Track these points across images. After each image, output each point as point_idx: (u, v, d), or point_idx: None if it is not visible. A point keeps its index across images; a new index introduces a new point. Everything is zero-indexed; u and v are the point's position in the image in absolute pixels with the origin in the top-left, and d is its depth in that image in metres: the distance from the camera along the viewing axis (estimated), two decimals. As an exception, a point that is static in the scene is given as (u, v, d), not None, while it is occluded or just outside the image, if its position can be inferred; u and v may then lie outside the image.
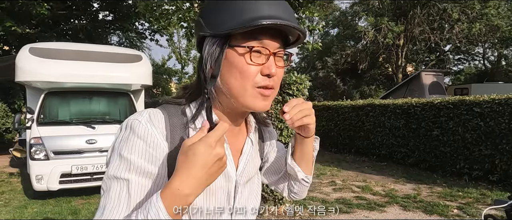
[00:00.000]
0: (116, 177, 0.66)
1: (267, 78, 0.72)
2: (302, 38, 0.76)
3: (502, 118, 5.52)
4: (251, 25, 0.67)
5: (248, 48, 0.70)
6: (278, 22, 0.67)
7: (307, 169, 0.96)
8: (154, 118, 0.71)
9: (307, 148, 0.92)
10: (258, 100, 0.73)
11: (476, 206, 4.62)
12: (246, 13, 0.68)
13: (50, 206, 4.82)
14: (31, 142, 4.92)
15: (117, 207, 0.65)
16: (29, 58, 5.18)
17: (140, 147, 0.67)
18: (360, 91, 22.93)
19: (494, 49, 23.61)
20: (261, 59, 0.72)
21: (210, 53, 0.72)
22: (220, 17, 0.71)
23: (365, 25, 18.76)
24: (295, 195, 1.03)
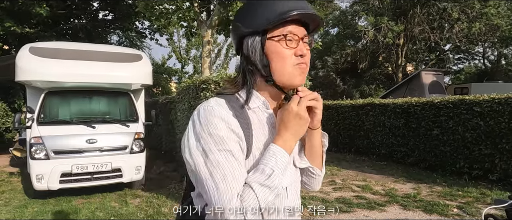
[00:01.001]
0: (219, 150, 0.82)
1: (301, 58, 0.91)
2: (321, 24, 0.96)
3: (502, 118, 5.52)
4: (284, 17, 0.86)
5: (283, 35, 0.90)
6: (304, 11, 0.88)
7: (314, 162, 1.06)
8: (220, 102, 0.90)
9: (315, 140, 1.03)
10: (297, 75, 0.92)
11: (476, 205, 4.63)
12: (277, 9, 0.87)
13: (51, 205, 4.82)
14: (31, 141, 4.92)
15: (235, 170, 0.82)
16: (29, 57, 5.17)
17: (221, 124, 0.84)
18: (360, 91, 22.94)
19: (494, 49, 23.61)
20: (293, 44, 0.91)
21: (253, 47, 0.92)
22: (256, 17, 0.90)
23: (365, 24, 18.76)
24: (305, 186, 1.12)
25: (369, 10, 18.46)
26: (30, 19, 10.91)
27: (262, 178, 0.81)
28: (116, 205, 4.89)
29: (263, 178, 0.81)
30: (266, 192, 0.80)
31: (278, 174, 0.83)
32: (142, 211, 4.58)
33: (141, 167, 5.48)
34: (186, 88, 5.69)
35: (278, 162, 0.84)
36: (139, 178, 5.50)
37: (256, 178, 0.81)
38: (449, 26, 17.48)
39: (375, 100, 8.83)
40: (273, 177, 0.82)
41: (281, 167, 0.84)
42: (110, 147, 5.25)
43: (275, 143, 0.88)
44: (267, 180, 0.81)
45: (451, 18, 16.59)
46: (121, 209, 4.66)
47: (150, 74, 6.16)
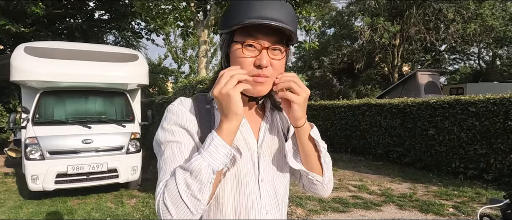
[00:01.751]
0: (166, 141, 0.87)
1: (258, 69, 0.86)
2: (292, 37, 0.88)
3: (497, 118, 5.56)
4: (241, 24, 0.83)
5: (241, 43, 0.86)
6: (260, 21, 0.82)
7: (309, 165, 0.98)
8: (184, 101, 0.93)
9: (302, 139, 0.96)
10: (254, 85, 0.87)
11: (472, 205, 4.66)
12: (242, 14, 0.84)
13: (46, 206, 4.79)
14: (26, 142, 4.88)
15: (175, 161, 0.84)
16: (24, 57, 5.14)
17: (176, 119, 0.88)
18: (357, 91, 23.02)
19: (489, 49, 23.77)
20: (255, 52, 0.86)
21: (221, 46, 0.94)
22: (228, 18, 0.88)
23: (361, 25, 18.82)
24: (311, 190, 1.05)
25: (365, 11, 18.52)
26: (25, 19, 10.83)
27: (186, 163, 0.80)
28: (112, 205, 4.86)
29: (187, 162, 0.80)
30: (186, 176, 0.77)
31: (201, 157, 0.78)
32: (138, 211, 4.56)
33: (137, 168, 5.46)
34: (183, 88, 5.68)
35: (205, 146, 0.80)
36: (135, 178, 5.48)
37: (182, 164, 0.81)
38: (445, 26, 17.59)
39: (371, 100, 8.87)
40: (195, 159, 0.78)
41: (209, 150, 0.79)
42: (106, 147, 5.22)
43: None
44: (188, 163, 0.78)
45: (447, 18, 16.70)
46: (117, 210, 4.64)
47: (147, 74, 6.13)
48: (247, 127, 0.95)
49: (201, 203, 0.78)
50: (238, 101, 0.79)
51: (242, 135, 0.94)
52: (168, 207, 0.77)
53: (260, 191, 0.93)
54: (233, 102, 0.79)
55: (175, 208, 0.77)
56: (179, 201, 0.76)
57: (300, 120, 0.93)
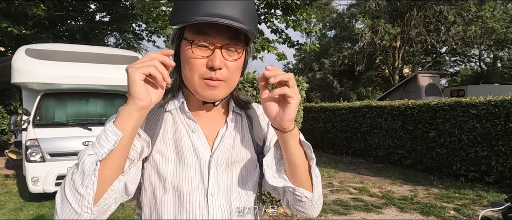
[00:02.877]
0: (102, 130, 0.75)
1: (212, 71, 0.76)
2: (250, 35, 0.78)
3: (498, 120, 5.55)
4: (186, 21, 0.74)
5: (190, 42, 0.76)
6: (211, 20, 0.72)
7: (295, 179, 0.81)
8: None
9: (289, 148, 0.78)
10: (205, 89, 0.78)
11: (473, 207, 4.65)
12: (193, 10, 0.73)
13: (46, 208, 4.79)
14: (27, 144, 4.89)
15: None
16: (25, 59, 5.14)
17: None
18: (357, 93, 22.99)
19: (490, 51, 23.76)
20: (207, 52, 0.76)
21: (171, 44, 0.83)
22: (177, 13, 0.77)
23: (362, 27, 18.84)
24: (298, 211, 0.86)
25: (366, 13, 18.53)
26: (26, 21, 10.86)
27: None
28: (112, 207, 4.86)
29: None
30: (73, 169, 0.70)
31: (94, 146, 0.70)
32: (139, 213, 4.56)
33: (137, 170, 5.46)
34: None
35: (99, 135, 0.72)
36: (135, 180, 5.47)
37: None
38: (445, 28, 17.59)
39: (372, 102, 8.86)
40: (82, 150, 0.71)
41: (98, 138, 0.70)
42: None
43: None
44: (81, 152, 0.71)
45: (447, 21, 16.70)
46: (117, 212, 4.64)
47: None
48: (200, 133, 0.84)
49: (84, 200, 0.66)
50: (136, 82, 0.68)
51: (192, 143, 0.83)
52: (56, 206, 0.69)
53: (209, 207, 0.80)
54: (130, 82, 0.69)
55: (61, 205, 0.68)
56: (64, 197, 0.68)
57: (292, 122, 0.77)
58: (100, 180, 0.68)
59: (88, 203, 0.67)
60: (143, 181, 0.84)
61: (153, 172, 0.82)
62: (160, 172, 0.82)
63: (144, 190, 0.84)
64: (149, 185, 0.83)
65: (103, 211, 0.72)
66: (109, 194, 0.71)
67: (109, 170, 0.70)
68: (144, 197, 0.84)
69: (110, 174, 0.71)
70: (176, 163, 0.82)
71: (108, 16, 14.22)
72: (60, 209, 0.68)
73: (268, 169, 0.81)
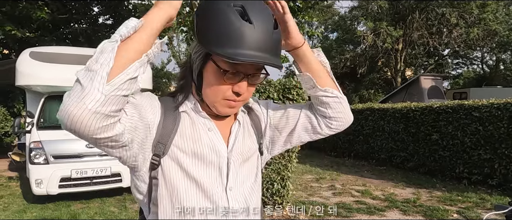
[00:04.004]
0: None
1: (235, 95, 0.83)
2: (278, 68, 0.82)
3: (501, 123, 5.54)
4: (230, 59, 0.74)
5: (224, 71, 0.80)
6: (255, 61, 0.76)
7: (320, 81, 0.97)
8: (152, 95, 0.87)
9: (306, 58, 0.95)
10: (225, 108, 0.85)
11: (476, 210, 4.63)
12: (229, 43, 0.75)
13: (49, 210, 4.81)
14: (30, 146, 4.92)
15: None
16: (29, 62, 5.19)
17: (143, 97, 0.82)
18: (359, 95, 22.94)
19: (493, 54, 23.71)
20: (235, 79, 0.81)
21: (195, 58, 0.86)
22: (208, 34, 0.78)
23: (364, 29, 18.84)
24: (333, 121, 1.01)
25: (368, 15, 18.53)
26: (30, 24, 10.93)
27: None
28: (115, 210, 4.87)
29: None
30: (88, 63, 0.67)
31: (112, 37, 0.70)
32: (142, 216, 4.56)
33: (140, 172, 5.47)
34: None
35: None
36: (138, 182, 5.48)
37: None
38: (448, 31, 17.56)
39: (374, 105, 8.85)
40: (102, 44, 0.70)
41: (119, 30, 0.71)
42: (109, 152, 5.24)
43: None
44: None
45: (450, 23, 16.67)
46: (120, 214, 4.65)
47: (150, 79, 6.18)
48: (216, 132, 0.90)
49: (97, 75, 0.63)
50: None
51: (210, 141, 0.88)
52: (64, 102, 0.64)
53: (229, 201, 0.86)
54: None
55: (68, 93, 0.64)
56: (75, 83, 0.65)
57: (300, 35, 0.92)
58: (117, 58, 0.66)
59: (101, 78, 0.63)
60: (162, 176, 0.84)
61: (173, 164, 0.84)
62: (182, 165, 0.84)
63: (162, 185, 0.84)
64: (169, 178, 0.84)
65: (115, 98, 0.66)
66: (124, 75, 0.68)
67: (128, 51, 0.69)
68: (162, 191, 0.84)
69: (129, 55, 0.69)
70: (195, 159, 0.85)
71: (111, 19, 14.29)
72: (66, 95, 0.64)
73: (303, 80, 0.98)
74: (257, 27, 0.76)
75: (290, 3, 7.32)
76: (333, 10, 22.60)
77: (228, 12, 0.76)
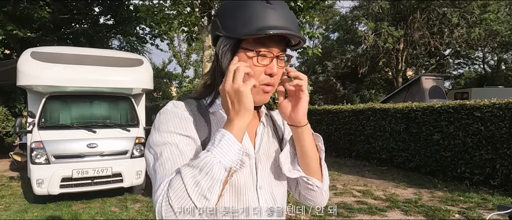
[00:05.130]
0: (163, 143, 0.81)
1: (269, 77, 0.87)
2: (302, 43, 0.89)
3: (502, 123, 5.52)
4: (260, 33, 0.81)
5: (256, 52, 0.85)
6: (283, 32, 0.82)
7: (308, 170, 0.94)
8: (177, 104, 0.89)
9: (304, 142, 0.92)
10: (260, 95, 0.88)
11: (478, 210, 4.61)
12: (256, 22, 0.82)
13: (51, 210, 4.81)
14: (32, 146, 4.92)
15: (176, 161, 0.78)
16: (30, 62, 5.19)
17: (173, 120, 0.85)
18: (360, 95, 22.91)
19: (494, 54, 23.64)
20: (266, 61, 0.86)
21: (223, 51, 0.88)
22: (234, 22, 0.85)
23: (365, 29, 18.81)
24: (307, 201, 1.00)
25: (369, 15, 18.51)
26: (31, 24, 10.95)
27: (192, 161, 0.74)
28: (116, 210, 4.88)
29: (193, 160, 0.74)
30: (195, 172, 0.71)
31: (213, 154, 0.73)
32: (143, 216, 4.57)
33: (141, 172, 5.48)
34: (187, 93, 5.70)
35: (215, 142, 0.75)
36: (139, 183, 5.49)
37: (188, 162, 0.75)
38: (449, 31, 17.51)
39: (376, 105, 8.84)
40: (204, 156, 0.73)
41: (220, 146, 0.75)
42: (110, 151, 5.25)
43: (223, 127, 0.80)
44: (195, 160, 0.73)
45: (451, 23, 16.62)
46: (121, 214, 4.65)
47: (151, 79, 6.17)
48: (245, 135, 0.91)
49: (210, 203, 0.72)
50: (250, 96, 0.77)
51: None
52: (173, 207, 0.70)
53: (259, 199, 0.90)
54: (245, 97, 0.77)
55: (181, 208, 0.70)
56: (186, 200, 0.70)
57: (305, 116, 0.91)
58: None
59: (212, 207, 0.73)
60: None
61: None
62: None
63: None
64: None
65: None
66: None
67: (226, 179, 0.76)
68: None
69: (225, 181, 0.77)
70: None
71: (112, 19, 14.31)
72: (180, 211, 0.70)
73: (284, 163, 0.94)
74: (278, 8, 0.84)
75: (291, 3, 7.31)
76: (334, 10, 22.58)
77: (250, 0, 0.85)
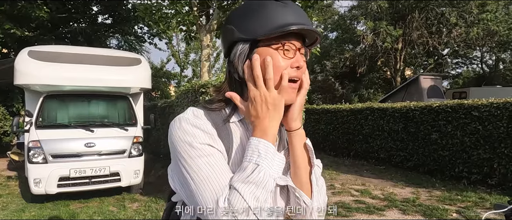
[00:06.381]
0: (198, 156, 0.78)
1: (297, 70, 0.84)
2: (318, 39, 0.89)
3: (500, 122, 5.53)
4: (284, 30, 0.80)
5: (281, 44, 0.83)
6: (305, 27, 0.82)
7: (296, 179, 0.88)
8: (198, 113, 0.85)
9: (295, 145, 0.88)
10: (290, 93, 0.85)
11: (475, 210, 4.62)
12: (275, 21, 0.81)
13: (48, 209, 4.80)
14: (29, 145, 4.91)
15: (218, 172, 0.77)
16: (28, 61, 5.17)
17: (198, 132, 0.80)
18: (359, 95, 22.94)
19: (492, 53, 23.68)
20: (291, 54, 0.84)
21: (241, 57, 0.85)
22: (253, 24, 0.83)
23: (363, 29, 18.83)
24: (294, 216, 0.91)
25: (368, 15, 18.52)
26: (29, 23, 10.91)
27: (244, 175, 0.74)
28: (114, 209, 4.86)
29: (246, 174, 0.74)
30: (252, 189, 0.73)
31: (265, 167, 0.75)
32: (141, 215, 4.56)
33: (139, 171, 5.47)
34: (185, 92, 5.69)
35: (261, 154, 0.76)
36: (137, 182, 5.48)
37: (239, 177, 0.75)
38: (447, 30, 17.54)
39: (374, 104, 8.84)
40: (258, 171, 0.74)
41: (267, 158, 0.76)
42: (108, 151, 5.23)
43: (254, 135, 0.79)
44: (250, 176, 0.74)
45: (449, 23, 16.66)
46: (119, 214, 4.64)
47: (149, 78, 6.16)
48: None
49: (267, 215, 0.74)
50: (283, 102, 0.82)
51: None
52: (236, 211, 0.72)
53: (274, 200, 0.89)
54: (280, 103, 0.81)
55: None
56: (250, 214, 0.72)
57: (296, 121, 0.88)
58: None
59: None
60: None
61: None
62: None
63: None
64: None
65: None
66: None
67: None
68: None
69: None
70: None
71: (110, 18, 14.28)
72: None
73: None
74: (293, 6, 0.85)
75: (289, 2, 7.30)
76: (332, 10, 22.58)
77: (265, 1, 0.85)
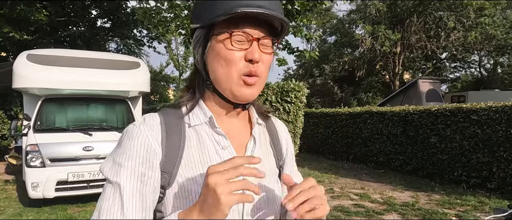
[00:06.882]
0: (109, 181, 0.68)
1: (251, 64, 0.72)
2: (285, 27, 0.75)
3: (499, 126, 5.54)
4: (229, 12, 0.68)
5: (228, 33, 0.71)
6: (254, 10, 0.68)
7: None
8: (149, 121, 0.74)
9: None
10: (242, 88, 0.73)
11: (474, 213, 4.62)
12: (227, 3, 0.69)
13: (46, 214, 4.77)
14: (27, 149, 4.88)
15: (111, 209, 0.66)
16: (26, 64, 5.16)
17: (132, 150, 0.69)
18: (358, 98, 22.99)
19: (490, 57, 23.79)
20: (244, 45, 0.72)
21: (195, 43, 0.76)
22: (205, 10, 0.73)
23: (362, 33, 18.91)
24: None
25: (366, 19, 18.61)
26: (28, 26, 10.91)
27: None
28: (112, 213, 4.84)
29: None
30: None
31: None
32: (139, 219, 4.53)
33: (138, 175, 5.43)
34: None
35: None
36: (135, 186, 5.45)
37: None
38: (446, 35, 17.63)
39: (373, 108, 8.85)
40: None
41: None
42: (107, 154, 5.18)
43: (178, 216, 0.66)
44: None
45: (447, 27, 16.76)
46: None
47: (148, 82, 6.15)
48: (231, 150, 0.76)
49: None
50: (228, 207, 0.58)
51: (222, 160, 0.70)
52: None
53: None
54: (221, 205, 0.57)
55: None
56: None
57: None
58: None
59: None
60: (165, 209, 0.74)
61: (181, 195, 0.72)
62: (190, 194, 0.72)
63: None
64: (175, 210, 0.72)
65: None
66: None
67: None
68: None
69: None
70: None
71: (109, 22, 14.30)
72: None
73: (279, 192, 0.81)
74: None
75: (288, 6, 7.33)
76: (331, 14, 22.68)
77: None
